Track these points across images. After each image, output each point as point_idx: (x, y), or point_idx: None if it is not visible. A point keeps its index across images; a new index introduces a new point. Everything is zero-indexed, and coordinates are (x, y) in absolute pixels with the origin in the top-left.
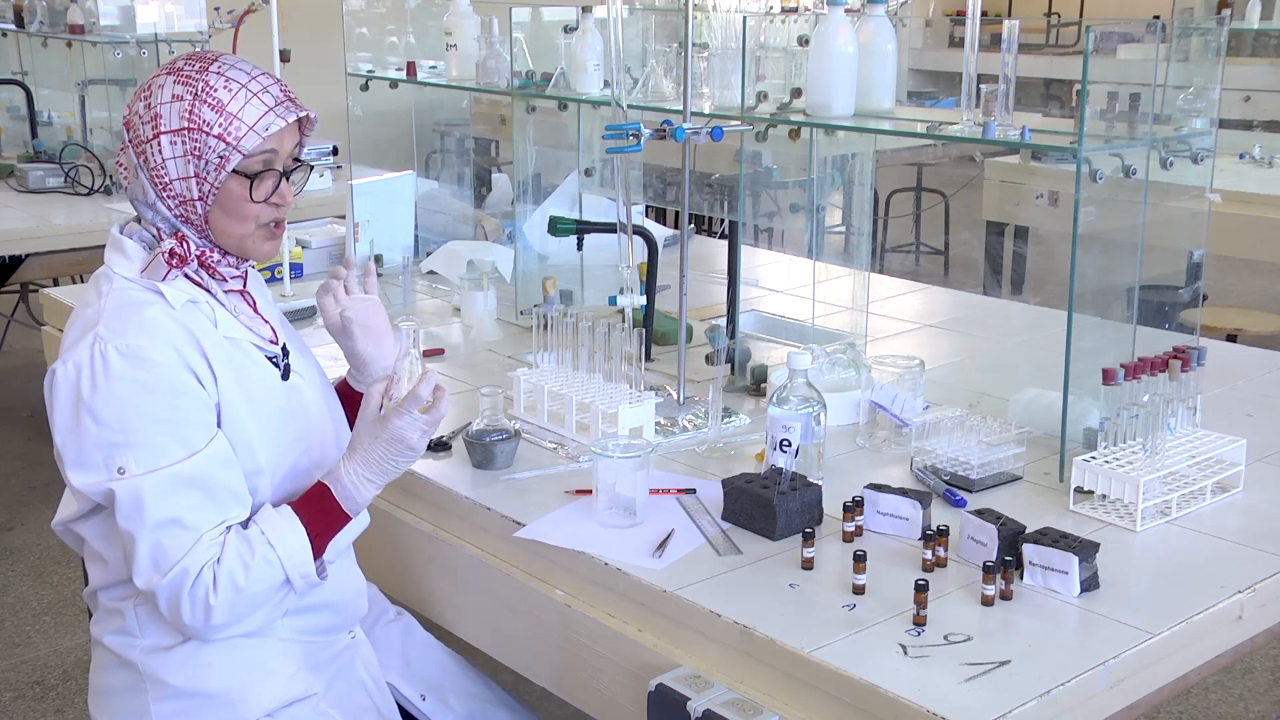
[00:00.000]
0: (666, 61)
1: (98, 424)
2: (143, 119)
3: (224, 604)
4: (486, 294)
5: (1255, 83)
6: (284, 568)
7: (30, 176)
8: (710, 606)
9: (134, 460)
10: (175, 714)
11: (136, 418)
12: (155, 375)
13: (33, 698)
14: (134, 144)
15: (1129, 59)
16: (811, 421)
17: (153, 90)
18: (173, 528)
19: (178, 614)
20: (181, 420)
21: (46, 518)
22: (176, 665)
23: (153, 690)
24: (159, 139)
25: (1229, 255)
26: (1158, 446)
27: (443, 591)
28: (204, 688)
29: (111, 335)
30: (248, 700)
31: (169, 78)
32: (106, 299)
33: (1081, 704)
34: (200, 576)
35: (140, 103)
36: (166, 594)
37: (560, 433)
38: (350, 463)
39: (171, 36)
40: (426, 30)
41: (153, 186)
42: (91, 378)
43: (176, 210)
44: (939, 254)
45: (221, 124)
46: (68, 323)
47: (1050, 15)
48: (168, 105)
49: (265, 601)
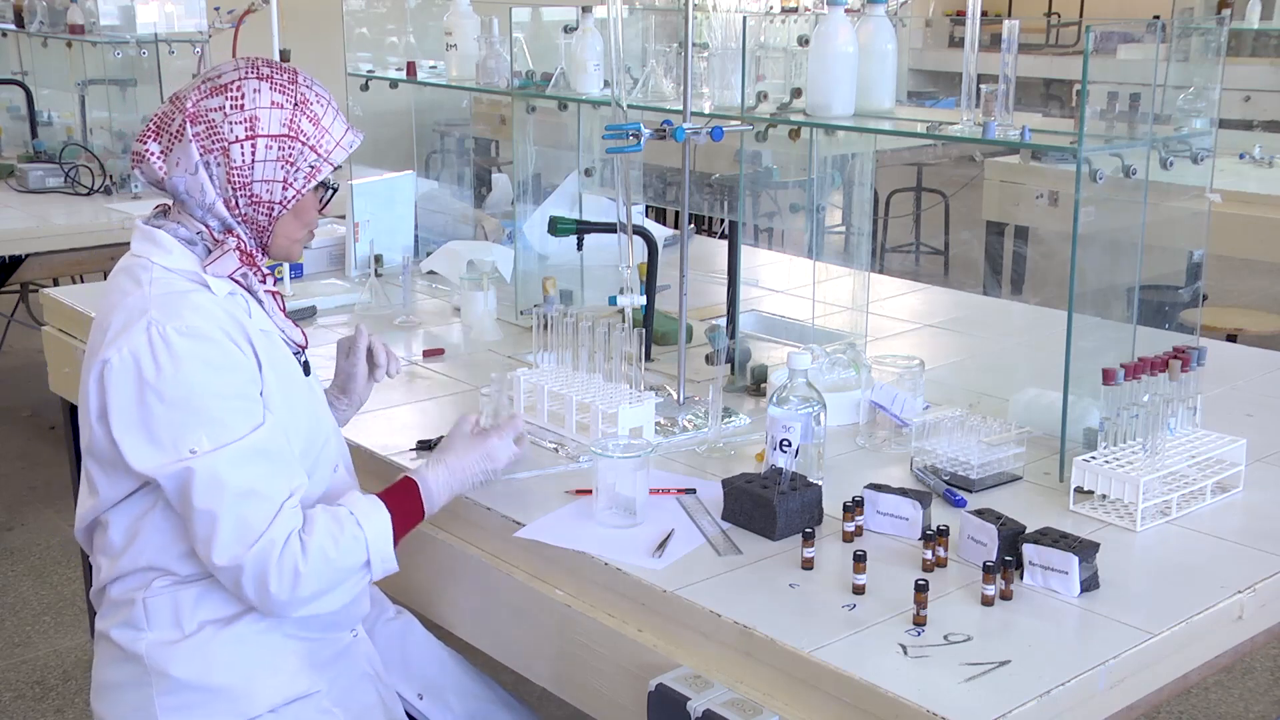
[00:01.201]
0: (666, 61)
1: (165, 404)
2: (231, 119)
3: (313, 573)
4: (486, 294)
5: (1255, 83)
6: (368, 548)
7: (30, 176)
8: (710, 606)
9: (205, 437)
10: (179, 708)
11: (203, 395)
12: (216, 352)
13: (33, 698)
14: (208, 139)
15: (1129, 59)
16: (811, 421)
17: (244, 93)
18: (253, 499)
19: (263, 585)
20: (242, 394)
21: (46, 518)
22: (183, 658)
23: (157, 684)
24: (254, 141)
25: (1229, 255)
26: (1158, 446)
27: (443, 591)
28: (209, 682)
29: (167, 318)
30: (252, 696)
31: (262, 84)
32: (150, 287)
33: (1081, 704)
34: (288, 544)
35: (224, 101)
36: (253, 566)
37: (560, 433)
38: (439, 466)
39: (171, 36)
40: (426, 30)
41: (223, 184)
42: (154, 360)
43: (244, 209)
44: (939, 254)
45: (316, 137)
46: (102, 314)
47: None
48: (267, 111)
49: (346, 579)
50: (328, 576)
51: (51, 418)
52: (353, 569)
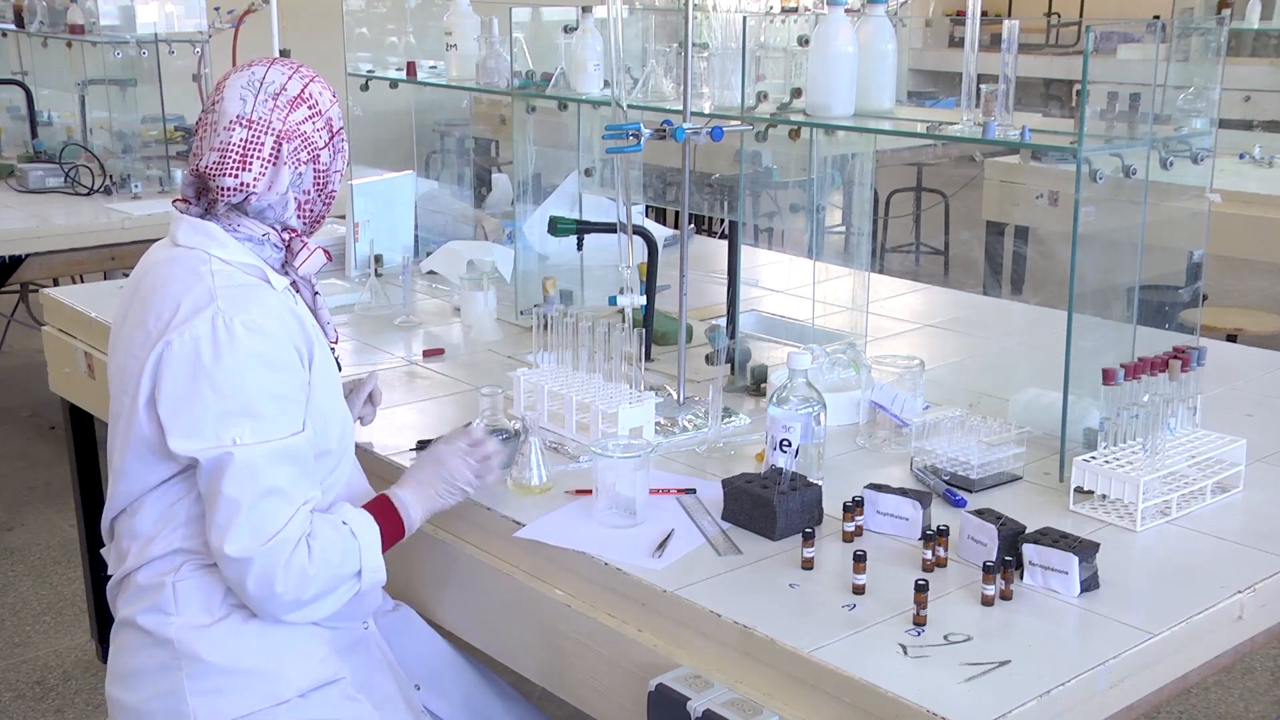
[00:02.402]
0: (666, 61)
1: (216, 392)
2: (315, 125)
3: (317, 576)
4: (486, 294)
5: (1255, 83)
6: (360, 557)
7: (30, 176)
8: (710, 606)
9: (249, 430)
10: (210, 691)
11: (255, 389)
12: (275, 351)
13: (33, 698)
14: (302, 152)
15: (1129, 59)
16: (811, 421)
17: (313, 96)
18: (276, 498)
19: (269, 582)
20: (290, 398)
21: (46, 518)
22: (215, 642)
23: (188, 668)
24: (334, 139)
25: (1229, 255)
26: (1158, 446)
27: (442, 591)
28: (242, 665)
29: (234, 310)
30: (283, 679)
31: (313, 82)
32: (213, 279)
33: (1081, 704)
34: (298, 548)
35: (305, 110)
36: (261, 563)
37: (560, 433)
38: (407, 485)
39: (171, 36)
40: (426, 30)
41: (308, 188)
42: (214, 347)
43: (316, 205)
44: (939, 254)
45: (340, 115)
46: (161, 299)
47: (1050, 15)
48: (329, 106)
49: (339, 586)
50: (327, 582)
51: (51, 418)
52: (347, 577)
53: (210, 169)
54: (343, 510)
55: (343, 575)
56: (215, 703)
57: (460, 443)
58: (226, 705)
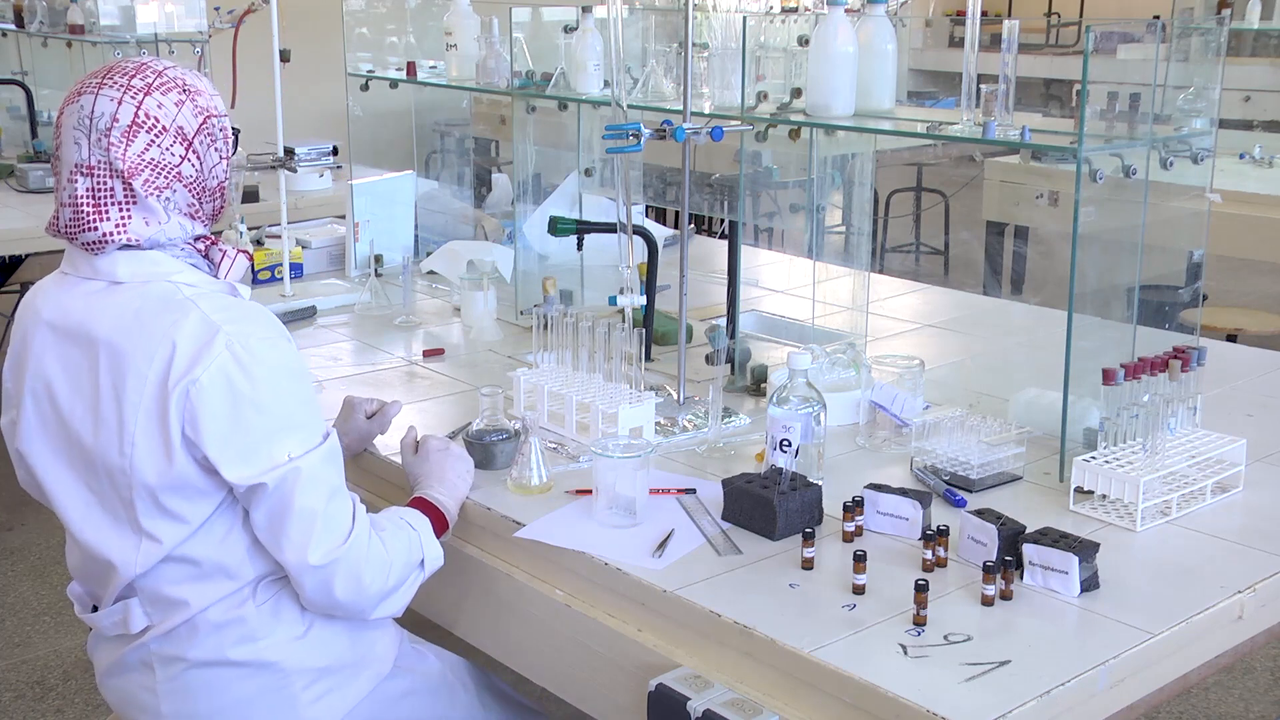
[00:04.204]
0: (666, 61)
1: (261, 414)
2: (163, 144)
3: (396, 564)
4: (486, 294)
5: (1255, 83)
6: (422, 546)
7: (30, 176)
8: (710, 606)
9: (297, 442)
10: (326, 693)
11: (292, 401)
12: (293, 359)
13: (33, 698)
14: (159, 179)
15: (1129, 59)
16: (811, 421)
17: (151, 114)
18: (339, 498)
19: (357, 580)
20: (314, 401)
21: (46, 517)
22: (318, 647)
23: (299, 680)
24: (191, 147)
25: (1229, 255)
26: (1158, 446)
27: (443, 591)
28: (343, 659)
29: (243, 330)
30: (379, 655)
31: (151, 95)
32: (201, 304)
33: (1081, 704)
34: (371, 539)
35: (147, 136)
36: (346, 563)
37: (560, 433)
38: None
39: (171, 36)
40: (426, 30)
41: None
42: (245, 372)
43: (207, 207)
44: (939, 254)
45: (212, 102)
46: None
47: (1050, 15)
48: (175, 113)
49: (410, 573)
50: (403, 569)
51: None
52: (414, 565)
53: (67, 227)
54: (388, 510)
55: (411, 563)
56: (330, 704)
57: (433, 440)
58: (339, 702)
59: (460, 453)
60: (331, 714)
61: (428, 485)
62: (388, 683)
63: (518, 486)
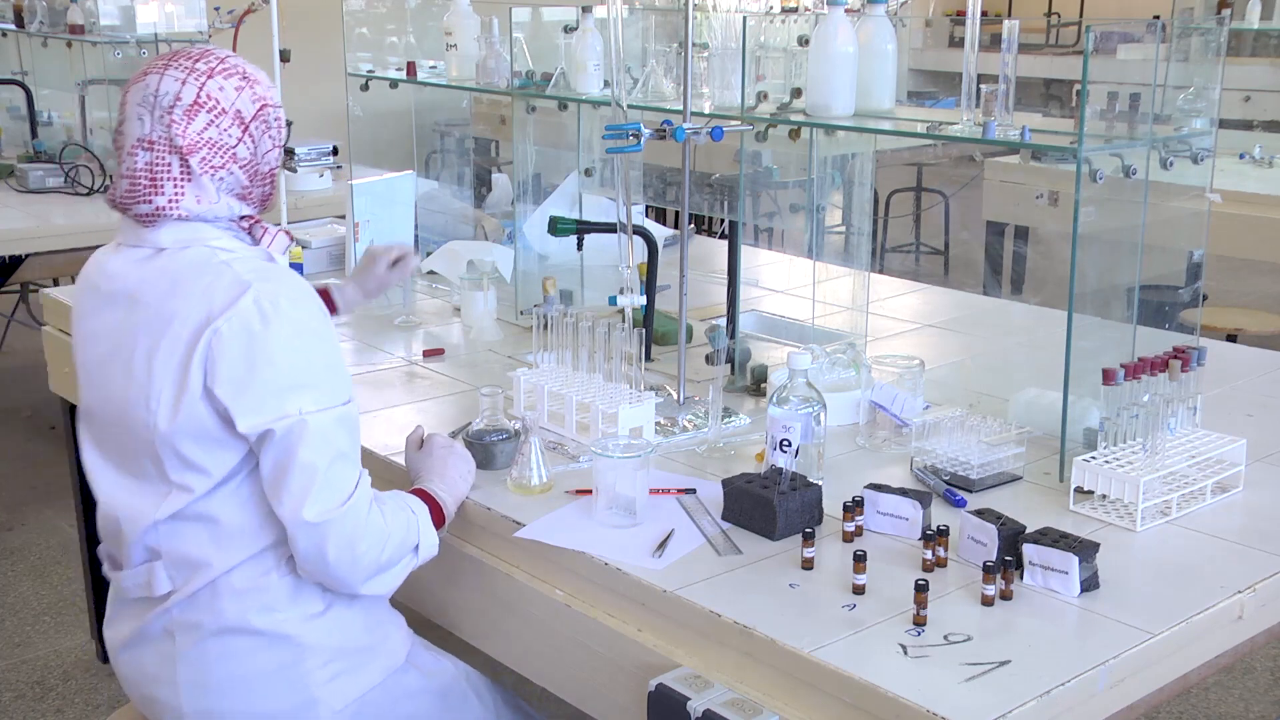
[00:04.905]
0: (666, 61)
1: (274, 367)
2: (221, 125)
3: (393, 539)
4: (486, 294)
5: (1255, 83)
6: (419, 531)
7: (30, 176)
8: (710, 606)
9: (310, 399)
10: (339, 674)
11: (310, 361)
12: (319, 323)
13: (33, 698)
14: (215, 158)
15: (1129, 59)
16: (811, 421)
17: (212, 95)
18: (345, 462)
19: (351, 546)
20: (339, 368)
21: (46, 518)
22: (333, 626)
23: (313, 658)
24: (248, 130)
25: (1229, 255)
26: (1158, 446)
27: (443, 591)
28: (358, 643)
29: (271, 289)
30: (392, 647)
31: (213, 78)
32: (235, 265)
33: (1081, 704)
34: (371, 508)
35: (206, 115)
36: (341, 525)
37: (560, 433)
38: (426, 483)
39: (171, 36)
40: (426, 30)
41: (241, 183)
42: (265, 324)
43: (257, 190)
44: (939, 254)
45: (268, 91)
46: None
47: (1050, 15)
48: (235, 96)
49: (404, 554)
50: (398, 547)
51: (51, 418)
52: (410, 548)
53: (123, 199)
54: (391, 491)
55: (407, 544)
56: (343, 686)
57: (438, 438)
58: (351, 686)
59: (464, 453)
60: (343, 696)
61: (429, 480)
62: (400, 676)
63: (518, 486)
